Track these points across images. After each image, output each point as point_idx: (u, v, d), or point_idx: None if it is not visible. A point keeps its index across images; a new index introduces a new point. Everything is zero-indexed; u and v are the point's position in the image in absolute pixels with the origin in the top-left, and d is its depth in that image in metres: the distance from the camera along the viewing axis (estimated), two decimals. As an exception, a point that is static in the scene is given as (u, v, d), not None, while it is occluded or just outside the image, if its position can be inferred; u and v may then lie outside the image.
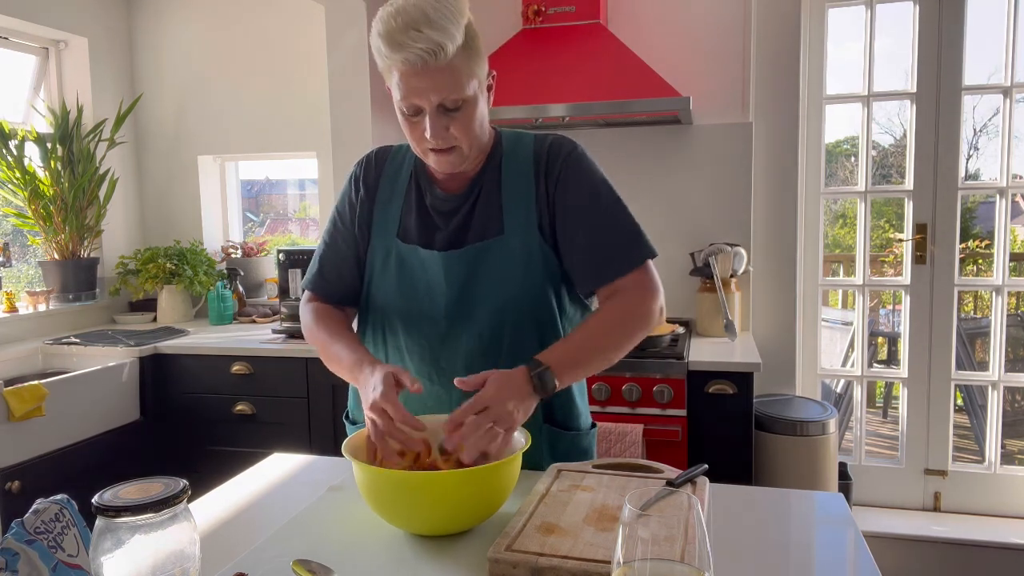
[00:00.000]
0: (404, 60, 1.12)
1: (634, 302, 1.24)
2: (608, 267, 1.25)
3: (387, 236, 1.31)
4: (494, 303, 1.26)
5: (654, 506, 0.68)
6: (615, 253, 1.25)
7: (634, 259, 1.26)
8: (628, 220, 1.28)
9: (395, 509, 1.00)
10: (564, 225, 1.26)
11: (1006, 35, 2.73)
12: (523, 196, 1.27)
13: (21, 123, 3.23)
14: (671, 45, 2.83)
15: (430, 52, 1.10)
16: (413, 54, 1.10)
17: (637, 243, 1.27)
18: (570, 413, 1.34)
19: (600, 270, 1.26)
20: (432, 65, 1.12)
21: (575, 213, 1.26)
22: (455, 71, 1.14)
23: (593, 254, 1.25)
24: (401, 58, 1.12)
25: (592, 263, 1.26)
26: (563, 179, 1.27)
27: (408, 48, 1.10)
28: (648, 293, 1.25)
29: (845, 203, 3.66)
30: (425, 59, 1.11)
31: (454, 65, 1.13)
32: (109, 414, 2.65)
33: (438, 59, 1.11)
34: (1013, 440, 3.50)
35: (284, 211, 4.07)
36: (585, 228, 1.25)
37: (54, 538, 0.81)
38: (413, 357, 1.31)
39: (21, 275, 3.42)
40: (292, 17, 3.30)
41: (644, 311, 1.24)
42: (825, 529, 1.10)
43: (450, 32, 1.11)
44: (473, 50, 1.17)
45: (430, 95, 1.14)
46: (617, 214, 1.27)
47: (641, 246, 1.27)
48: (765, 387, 2.83)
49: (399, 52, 1.11)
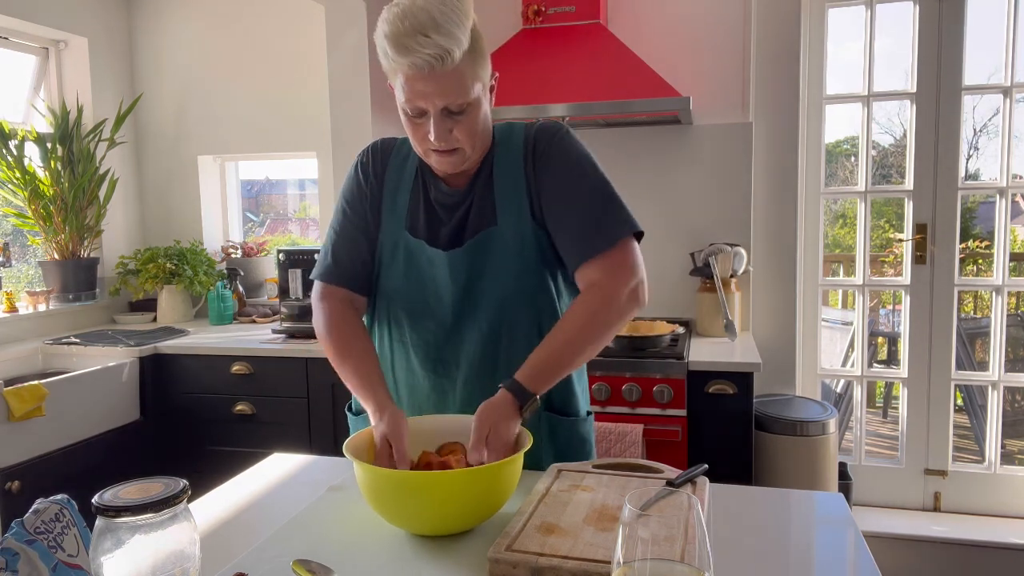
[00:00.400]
0: (411, 65, 1.11)
1: (605, 294, 1.21)
2: (589, 243, 1.23)
3: (396, 227, 1.31)
4: (495, 294, 1.27)
5: (654, 506, 0.68)
6: (596, 229, 1.23)
7: (615, 234, 1.23)
8: (611, 197, 1.26)
9: (396, 509, 1.00)
10: (547, 204, 1.26)
11: (1006, 35, 2.73)
12: (514, 185, 1.27)
13: (21, 123, 3.23)
14: (671, 45, 2.83)
15: (437, 58, 1.10)
16: (421, 59, 1.10)
17: (618, 218, 1.24)
18: (569, 401, 1.35)
19: (582, 246, 1.24)
20: (439, 70, 1.11)
21: (557, 192, 1.26)
22: (460, 76, 1.14)
23: (574, 232, 1.24)
24: (408, 62, 1.11)
25: (574, 240, 1.24)
26: (546, 160, 1.27)
27: (416, 53, 1.10)
28: (621, 278, 1.22)
29: (845, 203, 3.66)
30: (432, 64, 1.11)
31: (460, 70, 1.13)
32: (109, 414, 2.65)
33: (445, 65, 1.11)
34: (1013, 440, 3.49)
35: (284, 211, 4.07)
36: (566, 206, 1.25)
37: (54, 538, 0.81)
38: (418, 351, 1.32)
39: (21, 275, 3.42)
40: (292, 17, 3.30)
41: (617, 299, 1.21)
42: (825, 529, 1.10)
43: (457, 37, 1.11)
44: (478, 53, 1.17)
45: (435, 99, 1.14)
46: (599, 191, 1.26)
47: (622, 222, 1.24)
48: (765, 387, 2.83)
49: (406, 56, 1.11)
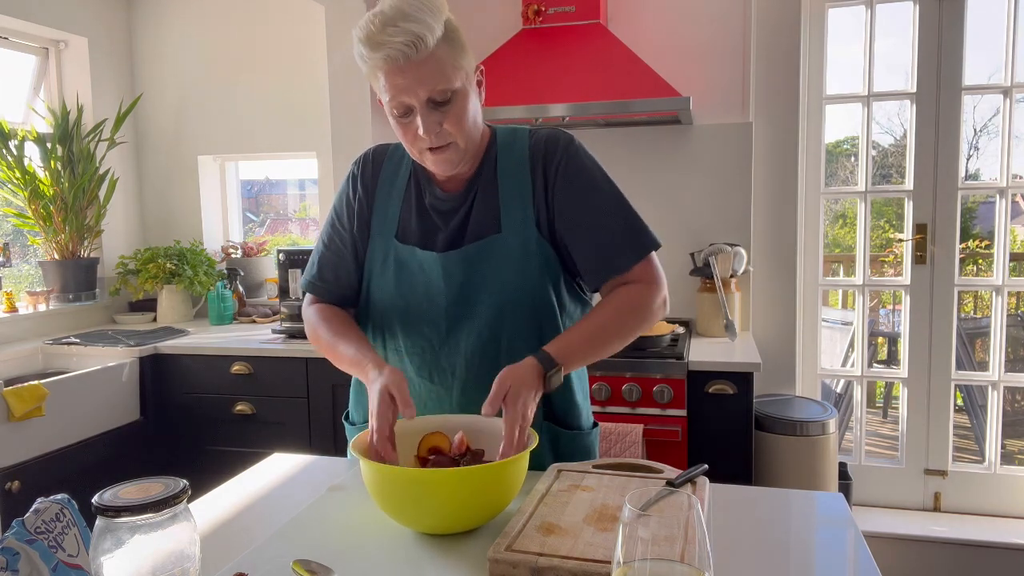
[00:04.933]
0: (386, 57, 1.10)
1: (642, 294, 1.25)
2: (615, 261, 1.25)
3: (386, 237, 1.30)
4: (493, 302, 1.25)
5: (654, 506, 0.68)
6: (621, 247, 1.25)
7: (639, 251, 1.26)
8: (630, 212, 1.28)
9: (404, 507, 1.00)
10: (566, 222, 1.25)
11: (1006, 35, 2.73)
12: (520, 193, 1.26)
13: (21, 123, 3.23)
14: (671, 45, 2.83)
15: (410, 44, 1.09)
16: (394, 49, 1.09)
17: (641, 234, 1.27)
18: (570, 412, 1.34)
19: (607, 264, 1.25)
20: (414, 59, 1.10)
21: (576, 209, 1.25)
22: (439, 62, 1.12)
23: (599, 249, 1.25)
24: (382, 56, 1.10)
25: (599, 258, 1.25)
26: (561, 175, 1.26)
27: (387, 45, 1.09)
28: (654, 285, 1.26)
29: (845, 203, 3.66)
30: (406, 53, 1.09)
31: (437, 56, 1.12)
32: (109, 414, 2.65)
33: (419, 51, 1.10)
34: (1013, 440, 3.49)
35: (284, 211, 4.07)
36: (588, 223, 1.25)
37: (54, 538, 0.81)
38: (413, 358, 1.30)
39: (21, 275, 3.42)
40: (292, 17, 3.30)
41: (650, 303, 1.25)
42: (825, 529, 1.10)
43: (427, 23, 1.10)
44: (456, 42, 1.15)
45: (417, 90, 1.12)
46: (619, 206, 1.27)
47: (645, 237, 1.27)
48: (765, 387, 2.83)
49: (379, 50, 1.10)
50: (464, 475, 0.98)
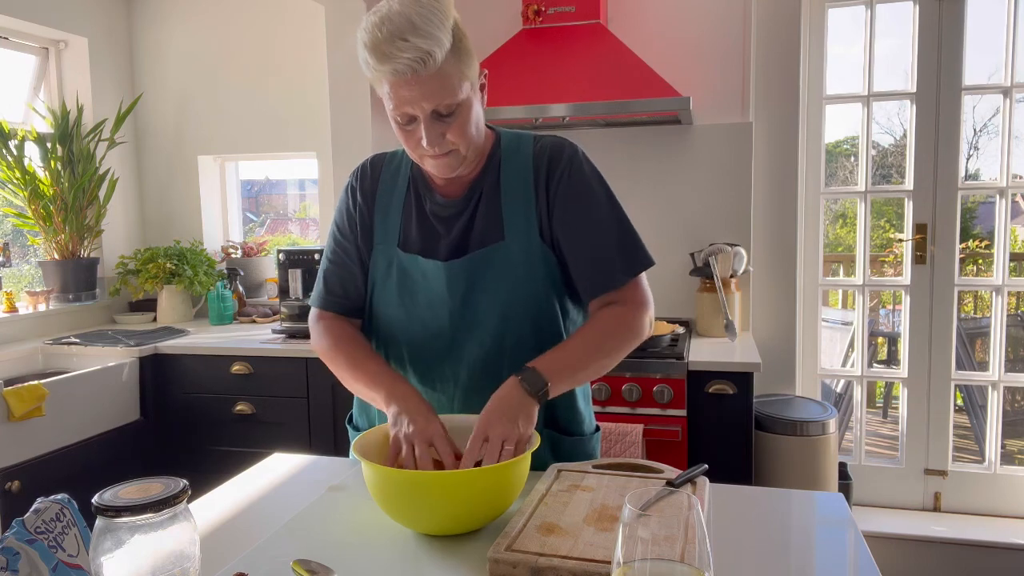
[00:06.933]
0: (393, 71, 1.08)
1: (628, 316, 1.24)
2: (608, 276, 1.25)
3: (388, 246, 1.29)
4: (497, 310, 1.24)
5: (654, 506, 0.68)
6: (614, 264, 1.24)
7: (634, 268, 1.25)
8: (627, 228, 1.27)
9: (406, 509, 1.00)
10: (564, 233, 1.25)
11: (1006, 35, 2.73)
12: (523, 200, 1.25)
13: (21, 123, 3.23)
14: (671, 45, 2.83)
15: (419, 61, 1.07)
16: (402, 64, 1.07)
17: (634, 254, 1.26)
18: (573, 418, 1.33)
19: (600, 279, 1.25)
20: (422, 74, 1.08)
21: (575, 222, 1.25)
22: (446, 77, 1.10)
23: (594, 264, 1.25)
24: (390, 69, 1.08)
25: (593, 272, 1.25)
26: (563, 186, 1.25)
27: (396, 59, 1.07)
28: (641, 307, 1.25)
29: (845, 203, 3.66)
30: (415, 68, 1.07)
31: (444, 71, 1.10)
32: (109, 414, 2.65)
33: (427, 67, 1.08)
34: (1013, 440, 3.49)
35: (284, 211, 4.07)
36: (585, 237, 1.25)
37: (55, 538, 0.81)
38: (416, 366, 1.30)
39: (21, 275, 3.42)
40: (292, 17, 3.30)
41: (636, 325, 1.24)
42: (825, 529, 1.10)
43: (437, 38, 1.07)
44: (463, 51, 1.13)
45: (423, 103, 1.11)
46: (617, 222, 1.26)
47: (638, 257, 1.26)
48: (765, 387, 2.83)
49: (387, 63, 1.08)
50: (465, 477, 0.98)
